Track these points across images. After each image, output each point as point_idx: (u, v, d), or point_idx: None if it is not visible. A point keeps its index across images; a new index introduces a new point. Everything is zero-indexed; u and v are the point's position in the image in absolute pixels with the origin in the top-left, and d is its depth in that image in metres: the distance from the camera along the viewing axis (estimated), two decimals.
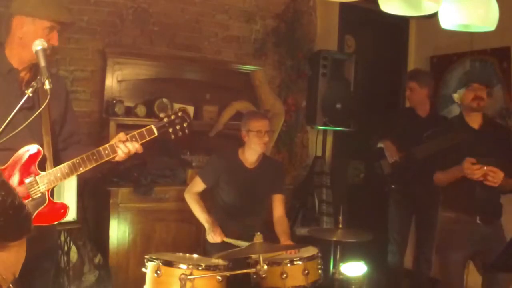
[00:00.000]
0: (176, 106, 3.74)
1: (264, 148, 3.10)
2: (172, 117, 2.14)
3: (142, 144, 2.07)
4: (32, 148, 1.94)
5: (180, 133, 2.14)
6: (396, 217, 3.88)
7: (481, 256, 2.88)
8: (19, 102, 1.86)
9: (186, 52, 4.06)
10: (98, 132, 3.68)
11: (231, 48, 4.31)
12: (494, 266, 2.53)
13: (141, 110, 3.61)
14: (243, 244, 2.73)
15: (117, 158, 2.05)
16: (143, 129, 2.08)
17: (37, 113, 1.88)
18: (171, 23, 3.99)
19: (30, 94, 1.86)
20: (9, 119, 1.85)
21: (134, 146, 2.04)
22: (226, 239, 2.91)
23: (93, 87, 3.72)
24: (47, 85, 1.85)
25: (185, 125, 2.15)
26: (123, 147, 2.02)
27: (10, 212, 0.83)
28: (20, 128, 1.86)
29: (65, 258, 3.25)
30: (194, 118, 3.82)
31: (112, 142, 2.05)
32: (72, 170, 1.96)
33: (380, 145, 3.76)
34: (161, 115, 2.19)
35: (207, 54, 4.19)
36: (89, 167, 1.99)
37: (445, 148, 3.54)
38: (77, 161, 1.97)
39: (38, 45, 1.89)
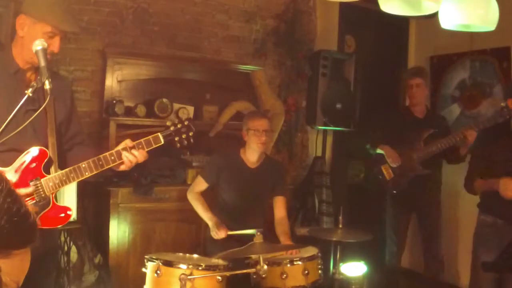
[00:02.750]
0: (176, 106, 3.75)
1: (262, 148, 3.10)
2: (179, 125, 2.14)
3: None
4: (35, 151, 1.93)
5: (186, 142, 2.15)
6: (394, 217, 3.87)
7: None
8: (25, 103, 1.86)
9: (186, 52, 4.06)
10: (98, 132, 3.68)
11: (231, 48, 4.31)
12: (494, 266, 2.53)
13: (141, 110, 3.62)
14: (247, 233, 2.73)
15: (123, 167, 2.05)
16: (150, 137, 2.07)
17: (37, 112, 1.87)
18: (171, 23, 3.99)
19: (30, 94, 1.85)
20: (9, 118, 1.84)
21: (141, 154, 2.04)
22: (230, 232, 2.91)
23: (93, 87, 3.72)
24: (47, 85, 1.84)
25: (190, 134, 2.16)
26: (130, 156, 2.02)
27: (15, 219, 0.82)
28: (20, 128, 1.85)
29: (65, 258, 3.25)
30: (194, 118, 3.82)
31: (119, 147, 2.04)
32: (77, 174, 1.96)
33: (379, 151, 3.70)
34: (168, 122, 2.17)
35: (207, 54, 4.19)
36: (94, 172, 1.98)
37: (447, 148, 3.52)
38: (83, 165, 1.97)
39: (38, 45, 1.88)
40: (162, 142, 2.08)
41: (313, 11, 4.62)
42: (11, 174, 1.90)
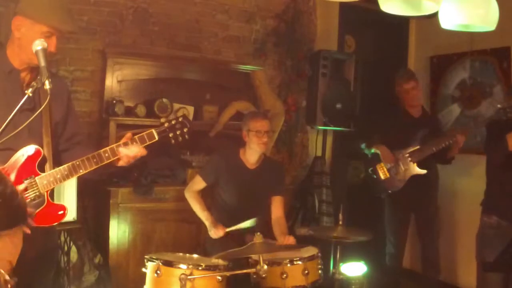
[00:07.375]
0: (176, 106, 3.75)
1: (264, 148, 3.10)
2: (173, 122, 2.13)
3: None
4: (31, 149, 1.93)
5: (180, 138, 2.15)
6: (392, 218, 3.86)
7: None
8: (20, 103, 1.86)
9: (186, 52, 4.06)
10: (98, 132, 3.68)
11: (231, 48, 4.30)
12: (494, 266, 2.53)
13: (141, 110, 3.61)
14: (246, 224, 2.74)
15: (121, 163, 2.05)
16: (144, 133, 2.07)
17: (37, 112, 1.87)
18: (171, 23, 3.99)
19: (30, 94, 1.85)
20: (9, 119, 1.84)
21: (139, 148, 2.03)
22: (228, 229, 2.92)
23: (93, 87, 3.72)
24: (47, 85, 1.84)
25: (185, 130, 2.15)
26: (126, 150, 2.02)
27: (0, 200, 0.82)
28: (19, 129, 1.85)
29: (65, 258, 3.25)
30: (194, 118, 3.82)
31: (120, 142, 2.04)
32: (71, 172, 1.96)
33: (375, 150, 3.72)
34: (162, 119, 2.18)
35: (207, 54, 4.18)
36: (88, 169, 1.98)
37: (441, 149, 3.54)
38: (77, 163, 1.97)
39: (38, 45, 1.88)
40: (156, 138, 2.08)
41: (313, 11, 4.62)
42: (6, 172, 1.90)
